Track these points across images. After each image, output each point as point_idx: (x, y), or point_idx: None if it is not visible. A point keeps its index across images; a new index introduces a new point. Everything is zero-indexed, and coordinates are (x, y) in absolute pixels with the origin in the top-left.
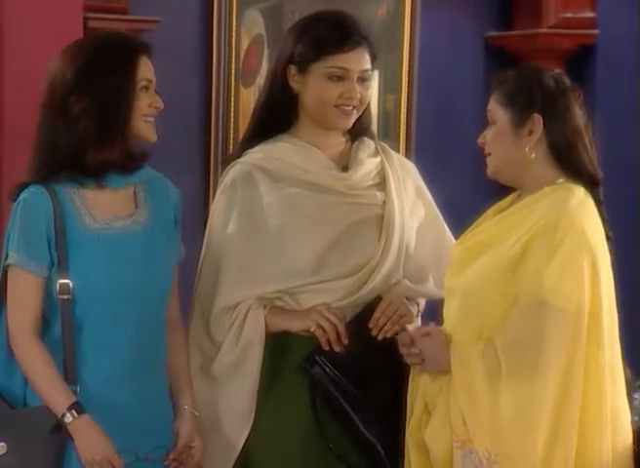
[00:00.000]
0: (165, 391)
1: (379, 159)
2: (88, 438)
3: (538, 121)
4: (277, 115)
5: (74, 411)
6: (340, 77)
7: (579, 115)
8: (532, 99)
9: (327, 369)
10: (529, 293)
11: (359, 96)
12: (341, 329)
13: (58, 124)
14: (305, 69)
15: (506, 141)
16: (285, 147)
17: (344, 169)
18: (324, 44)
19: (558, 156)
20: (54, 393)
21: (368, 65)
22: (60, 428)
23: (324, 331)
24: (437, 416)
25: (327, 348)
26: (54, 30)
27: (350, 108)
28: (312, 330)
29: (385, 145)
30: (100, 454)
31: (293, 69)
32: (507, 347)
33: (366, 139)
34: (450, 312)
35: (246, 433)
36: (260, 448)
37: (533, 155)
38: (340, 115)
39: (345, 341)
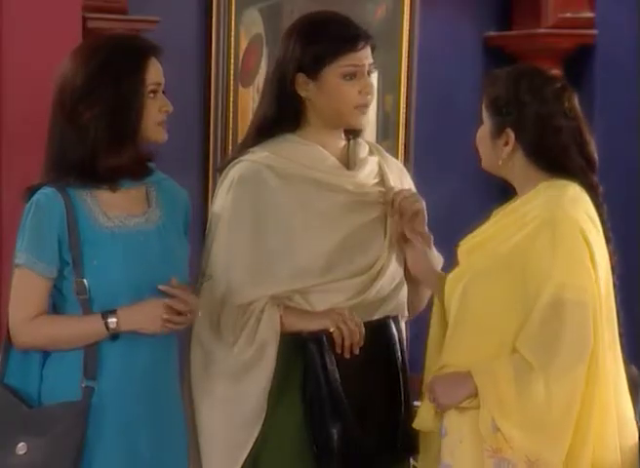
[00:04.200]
0: (179, 396)
1: (376, 158)
2: (137, 313)
3: (510, 136)
4: (282, 120)
5: (111, 315)
6: (352, 75)
7: (562, 121)
8: (506, 113)
9: (325, 354)
10: (542, 296)
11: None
12: (357, 338)
13: (68, 130)
14: (318, 75)
15: (486, 147)
16: (290, 146)
17: (347, 167)
18: (336, 47)
19: (539, 162)
20: (83, 323)
21: (371, 58)
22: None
23: (341, 333)
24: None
25: (339, 351)
26: (53, 30)
27: (368, 103)
28: (331, 330)
29: (378, 145)
30: (155, 308)
31: (302, 77)
32: (534, 348)
33: (360, 140)
34: (455, 313)
35: (256, 432)
36: (270, 449)
37: (500, 162)
38: (359, 115)
39: (357, 352)
